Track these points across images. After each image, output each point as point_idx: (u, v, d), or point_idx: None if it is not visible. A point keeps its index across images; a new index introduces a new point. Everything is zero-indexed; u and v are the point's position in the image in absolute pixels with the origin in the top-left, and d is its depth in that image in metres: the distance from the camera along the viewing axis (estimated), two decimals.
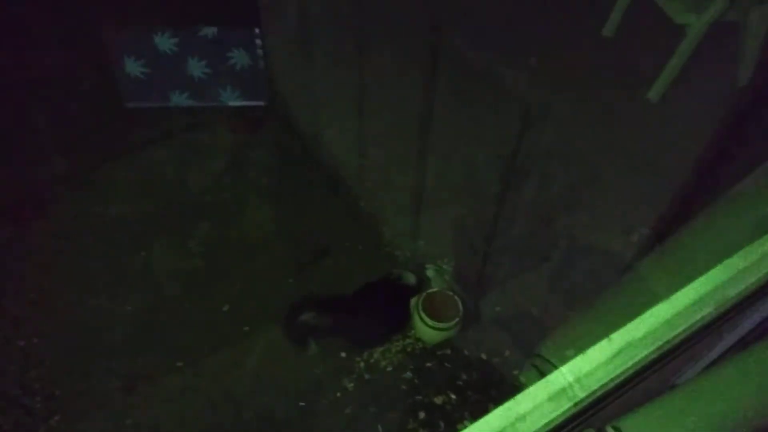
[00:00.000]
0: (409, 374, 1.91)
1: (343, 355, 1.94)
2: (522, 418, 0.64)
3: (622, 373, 0.66)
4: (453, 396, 1.87)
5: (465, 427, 1.81)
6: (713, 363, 0.93)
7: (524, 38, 2.88)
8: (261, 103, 2.63)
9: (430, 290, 1.96)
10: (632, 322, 0.68)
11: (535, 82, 2.65)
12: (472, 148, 2.49)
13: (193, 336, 1.98)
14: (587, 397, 0.65)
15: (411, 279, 2.03)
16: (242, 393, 1.85)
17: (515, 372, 1.93)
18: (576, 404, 0.65)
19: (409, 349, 1.97)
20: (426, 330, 1.90)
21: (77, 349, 1.93)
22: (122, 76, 2.51)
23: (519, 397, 0.65)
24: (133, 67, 2.47)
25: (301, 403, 1.83)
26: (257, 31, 2.49)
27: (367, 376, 1.90)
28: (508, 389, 1.89)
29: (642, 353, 0.66)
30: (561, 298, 2.08)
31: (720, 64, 2.67)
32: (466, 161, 2.45)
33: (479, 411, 1.85)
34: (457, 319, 1.88)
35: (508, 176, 2.14)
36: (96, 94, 2.63)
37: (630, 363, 0.66)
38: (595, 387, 0.65)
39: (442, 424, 1.81)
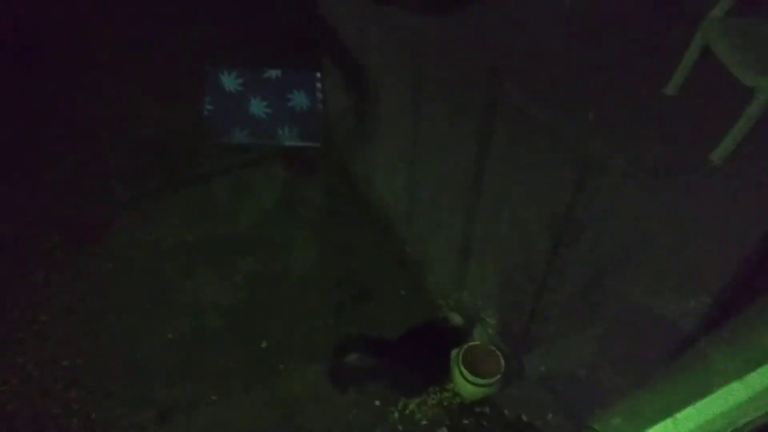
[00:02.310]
0: (444, 430, 1.84)
1: (377, 403, 1.89)
2: None
3: None
4: None
5: None
6: None
7: (585, 92, 2.85)
8: (316, 145, 2.68)
9: (471, 343, 1.90)
10: (699, 403, 0.62)
11: (594, 137, 2.61)
12: (524, 200, 2.45)
13: (229, 370, 1.97)
14: None
15: (457, 320, 1.98)
16: None
17: None
18: None
19: (446, 403, 1.90)
20: (465, 385, 1.83)
21: (118, 373, 1.95)
22: (190, 113, 2.62)
23: None
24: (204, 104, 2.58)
25: None
26: (318, 75, 2.57)
27: (401, 428, 1.83)
28: None
29: None
30: (610, 362, 1.97)
31: None
32: (517, 213, 2.41)
33: None
34: (498, 376, 1.81)
35: (560, 232, 2.08)
36: (164, 127, 2.77)
37: None
38: None
39: None
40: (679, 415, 0.63)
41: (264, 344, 2.03)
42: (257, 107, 2.59)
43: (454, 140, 2.68)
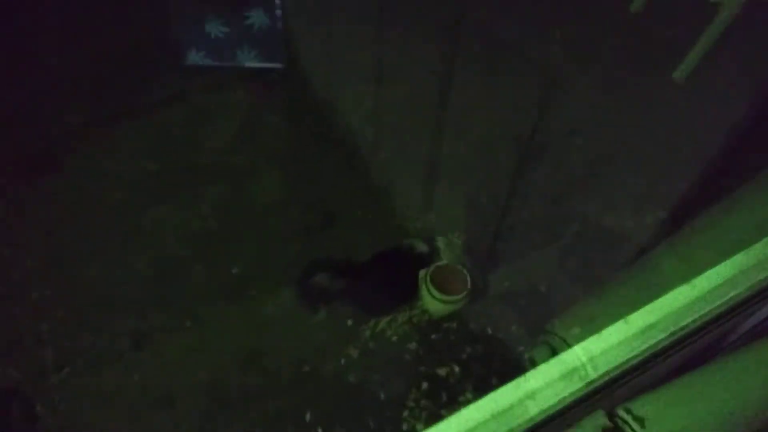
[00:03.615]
0: (413, 345, 1.92)
1: (349, 322, 1.95)
2: (532, 395, 0.63)
3: (637, 355, 0.65)
4: (456, 368, 1.88)
5: (467, 399, 1.83)
6: (724, 351, 0.92)
7: (550, 10, 2.79)
8: (278, 66, 2.59)
9: (439, 263, 1.95)
10: (650, 305, 0.67)
11: (559, 55, 2.58)
12: (490, 122, 2.45)
13: (201, 297, 1.99)
14: (600, 377, 0.64)
15: (422, 247, 2.03)
16: (247, 355, 1.87)
17: (520, 348, 1.93)
18: (588, 384, 0.64)
19: (415, 320, 1.97)
20: (433, 302, 1.90)
21: (88, 304, 1.95)
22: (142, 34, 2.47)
23: (530, 374, 0.64)
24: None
25: (306, 368, 1.85)
26: None
27: (372, 345, 1.91)
28: (512, 364, 1.90)
29: (658, 336, 0.65)
30: (570, 277, 2.07)
31: (751, 48, 2.58)
32: (483, 135, 2.41)
33: (482, 384, 1.86)
34: (464, 293, 1.88)
35: (525, 153, 2.10)
36: (116, 50, 2.61)
37: (646, 346, 0.65)
38: (608, 368, 0.64)
39: (444, 396, 1.83)
40: (630, 317, 0.67)
41: (234, 270, 2.05)
42: (213, 27, 2.46)
43: (419, 61, 2.62)
